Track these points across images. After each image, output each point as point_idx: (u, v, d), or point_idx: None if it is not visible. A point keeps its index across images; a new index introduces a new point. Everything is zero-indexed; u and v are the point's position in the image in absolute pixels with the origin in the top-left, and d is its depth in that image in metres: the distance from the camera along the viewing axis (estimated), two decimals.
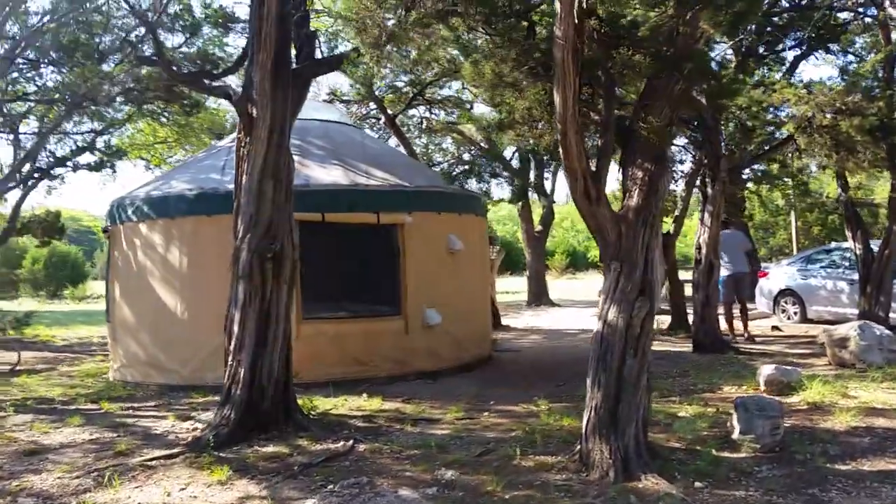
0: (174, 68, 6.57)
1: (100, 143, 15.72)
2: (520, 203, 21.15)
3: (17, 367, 11.81)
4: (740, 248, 12.47)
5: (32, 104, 11.73)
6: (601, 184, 5.49)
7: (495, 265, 15.95)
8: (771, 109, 10.38)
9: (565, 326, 16.37)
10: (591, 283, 30.65)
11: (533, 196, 21.89)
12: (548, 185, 22.91)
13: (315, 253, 9.39)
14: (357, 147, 10.73)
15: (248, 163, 6.64)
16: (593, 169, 5.54)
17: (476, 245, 10.98)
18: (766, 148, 11.41)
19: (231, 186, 9.28)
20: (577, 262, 46.87)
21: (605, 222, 5.59)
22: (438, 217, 10.02)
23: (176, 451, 6.10)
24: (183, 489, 5.30)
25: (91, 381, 10.42)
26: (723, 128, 11.86)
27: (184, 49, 6.63)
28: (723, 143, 12.09)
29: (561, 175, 20.19)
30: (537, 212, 22.61)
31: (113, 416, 7.91)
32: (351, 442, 6.25)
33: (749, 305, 16.28)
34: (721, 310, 12.41)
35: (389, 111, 15.60)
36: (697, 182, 11.83)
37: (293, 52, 7.26)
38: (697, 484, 5.15)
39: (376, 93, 15.03)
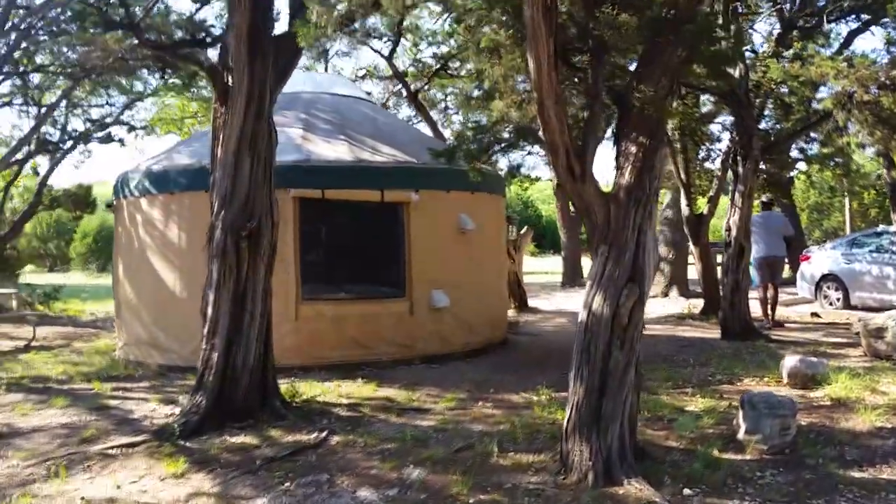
0: (146, 36, 6.20)
1: (126, 116, 15.62)
2: (554, 182, 20.53)
3: (32, 343, 11.74)
4: (779, 231, 11.75)
5: (51, 75, 11.53)
6: (587, 159, 4.97)
7: (522, 245, 15.44)
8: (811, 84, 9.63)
9: None
10: None
11: None
12: None
13: (315, 232, 9.06)
14: (367, 122, 10.29)
15: (223, 135, 6.26)
16: (580, 143, 5.02)
17: (491, 225, 10.50)
18: (803, 126, 10.61)
19: None
20: None
21: (593, 202, 5.08)
22: (448, 195, 9.55)
23: (139, 439, 5.81)
24: (134, 482, 5.00)
25: (98, 358, 10.26)
26: (760, 103, 11.15)
27: (170, 17, 6.31)
28: (761, 120, 11.40)
29: (599, 152, 19.56)
30: None
31: (101, 397, 7.69)
32: (324, 434, 5.89)
33: (790, 290, 15.57)
34: (755, 294, 11.77)
35: (413, 87, 15.12)
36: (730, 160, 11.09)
37: (285, 16, 6.85)
38: (687, 491, 4.66)
39: (400, 68, 14.58)
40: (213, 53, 7.06)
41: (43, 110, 12.95)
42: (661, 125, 5.16)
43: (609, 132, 6.20)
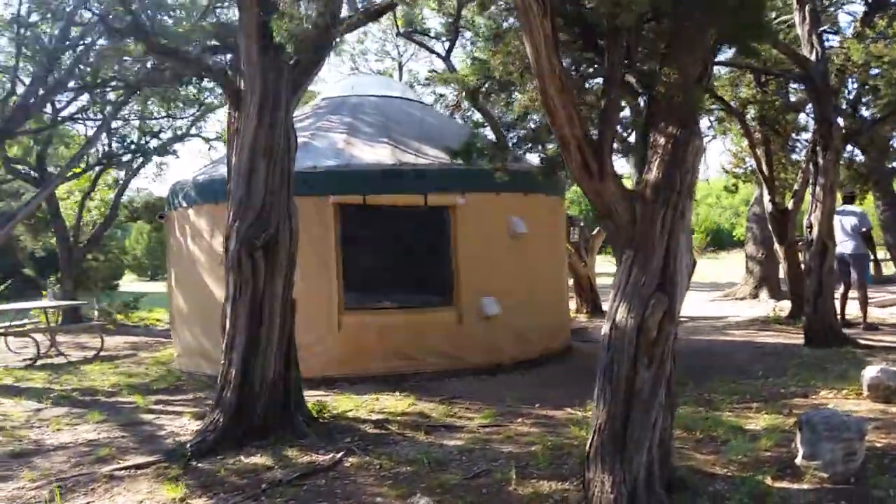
0: (153, 41, 6.00)
1: (196, 129, 15.79)
2: (634, 180, 19.72)
3: (100, 354, 11.91)
4: (854, 228, 10.75)
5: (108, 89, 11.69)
6: (605, 154, 4.43)
7: (594, 247, 14.76)
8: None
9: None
10: (731, 265, 28.52)
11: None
12: None
13: (357, 239, 8.75)
14: (414, 123, 9.92)
15: (237, 141, 6.01)
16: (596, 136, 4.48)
17: (547, 228, 9.96)
18: (890, 111, 9.61)
19: None
20: (721, 241, 43.99)
21: (614, 202, 4.53)
22: (497, 198, 9.06)
23: (150, 459, 5.60)
24: None
25: (155, 369, 10.28)
26: (844, 89, 10.23)
27: (183, 23, 6.16)
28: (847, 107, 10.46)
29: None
30: None
31: (139, 410, 7.59)
32: (340, 454, 5.53)
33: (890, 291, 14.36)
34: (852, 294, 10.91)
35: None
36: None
37: None
38: None
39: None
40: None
41: (114, 122, 13.23)
42: (693, 113, 4.56)
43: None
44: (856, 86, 10.59)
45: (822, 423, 4.86)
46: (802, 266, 10.75)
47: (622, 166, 13.17)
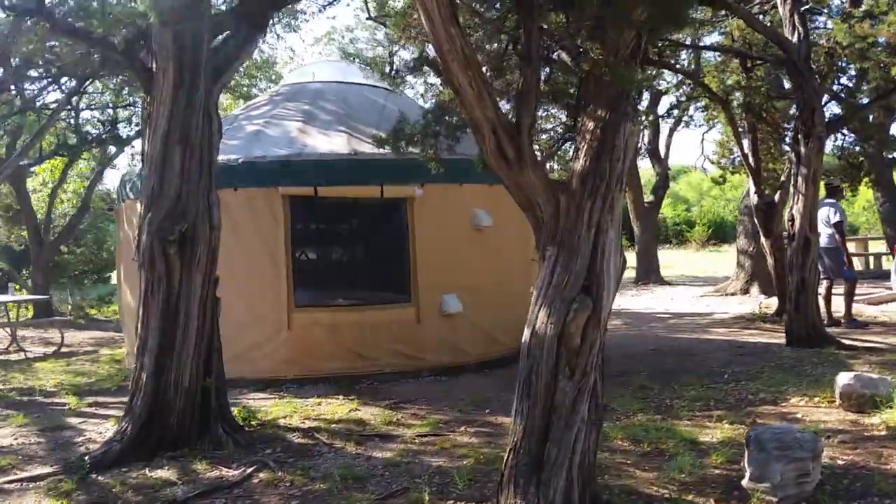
0: (56, 19, 5.54)
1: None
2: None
3: (61, 350, 11.50)
4: (825, 221, 10.23)
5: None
6: (523, 138, 3.95)
7: None
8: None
9: (663, 309, 14.46)
10: (731, 258, 27.84)
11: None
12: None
13: (309, 233, 8.30)
14: (374, 111, 9.39)
15: (150, 127, 5.54)
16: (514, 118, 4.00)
17: (518, 221, 9.41)
18: (877, 96, 9.08)
19: (222, 158, 8.42)
20: (725, 234, 43.36)
21: (537, 193, 4.06)
22: (460, 189, 8.57)
23: (49, 471, 5.16)
24: None
25: (108, 368, 9.85)
26: (828, 72, 9.69)
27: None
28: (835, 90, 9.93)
29: (679, 137, 17.99)
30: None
31: (68, 413, 7.16)
32: (251, 469, 5.08)
33: (886, 287, 13.80)
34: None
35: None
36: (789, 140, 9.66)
37: None
38: None
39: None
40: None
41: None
42: (624, 94, 4.07)
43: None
44: (852, 70, 10.05)
45: (773, 441, 4.37)
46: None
47: None
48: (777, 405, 6.53)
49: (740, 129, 11.70)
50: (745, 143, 11.58)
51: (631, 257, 22.80)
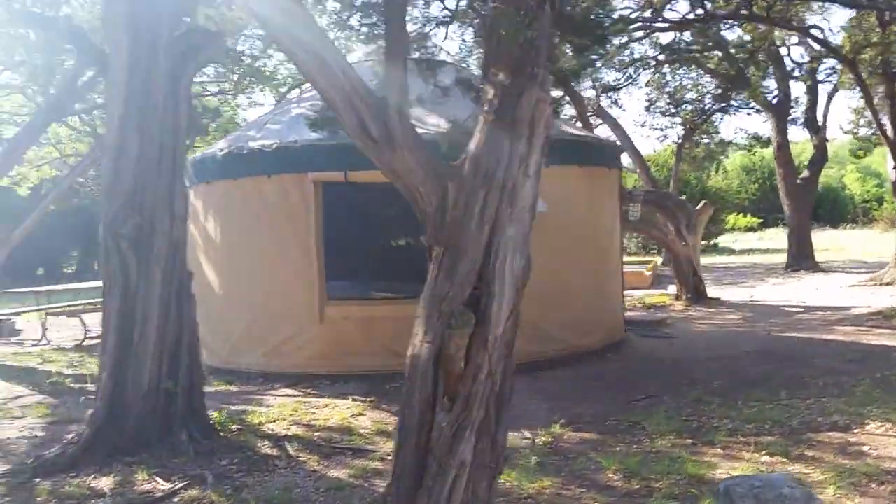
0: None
1: None
2: (775, 143, 17.41)
3: (85, 341, 11.26)
4: None
5: None
6: (391, 114, 3.20)
7: (700, 222, 12.83)
8: None
9: (798, 301, 12.76)
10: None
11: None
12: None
13: (340, 221, 7.82)
14: (418, 88, 8.66)
15: (107, 113, 5.24)
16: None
17: (584, 206, 8.50)
18: None
19: (254, 144, 8.13)
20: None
21: (417, 180, 3.30)
22: None
23: None
24: None
25: None
26: None
27: None
28: None
29: (836, 104, 15.95)
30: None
31: (74, 407, 7.03)
32: (181, 485, 4.66)
33: None
34: None
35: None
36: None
37: None
38: None
39: None
40: None
41: None
42: (532, 54, 3.21)
43: None
44: None
45: (748, 499, 3.37)
46: None
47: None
48: (847, 432, 5.31)
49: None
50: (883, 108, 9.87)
51: (782, 239, 20.71)
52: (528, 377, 7.55)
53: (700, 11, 11.96)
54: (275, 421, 6.12)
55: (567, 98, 12.82)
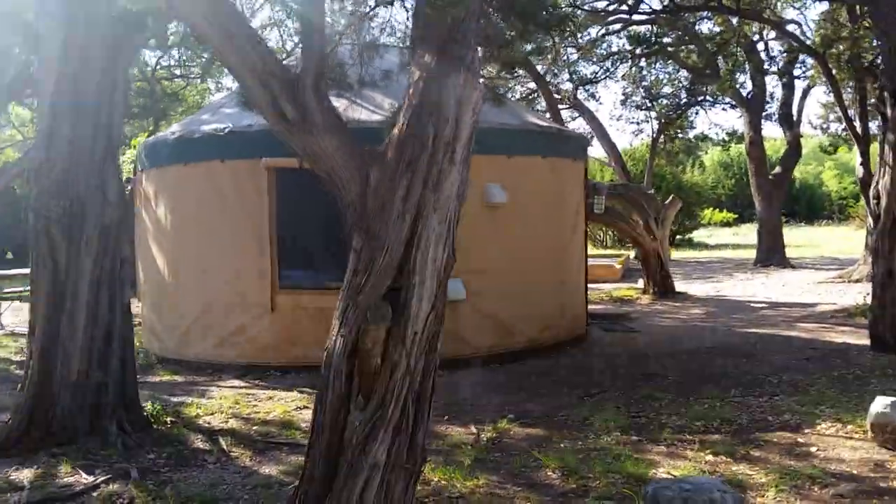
0: None
1: None
2: (748, 138, 17.36)
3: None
4: None
5: None
6: (307, 91, 3.03)
7: (667, 219, 12.76)
8: None
9: (764, 297, 12.72)
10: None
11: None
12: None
13: (294, 208, 7.65)
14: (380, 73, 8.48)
15: (38, 94, 5.03)
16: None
17: (545, 197, 8.35)
18: None
19: (206, 128, 7.92)
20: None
21: (337, 165, 3.14)
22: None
23: None
24: None
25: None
26: None
27: None
28: None
29: (811, 100, 15.98)
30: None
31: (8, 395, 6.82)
32: (103, 479, 4.49)
33: None
34: None
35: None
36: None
37: None
38: None
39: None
40: None
41: None
42: (458, 33, 3.05)
43: None
44: None
45: (676, 502, 3.25)
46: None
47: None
48: (796, 432, 5.22)
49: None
50: (849, 103, 9.80)
51: (752, 235, 20.71)
52: (484, 371, 7.47)
53: (667, 2, 11.81)
54: (213, 413, 5.95)
55: (537, 88, 12.68)
